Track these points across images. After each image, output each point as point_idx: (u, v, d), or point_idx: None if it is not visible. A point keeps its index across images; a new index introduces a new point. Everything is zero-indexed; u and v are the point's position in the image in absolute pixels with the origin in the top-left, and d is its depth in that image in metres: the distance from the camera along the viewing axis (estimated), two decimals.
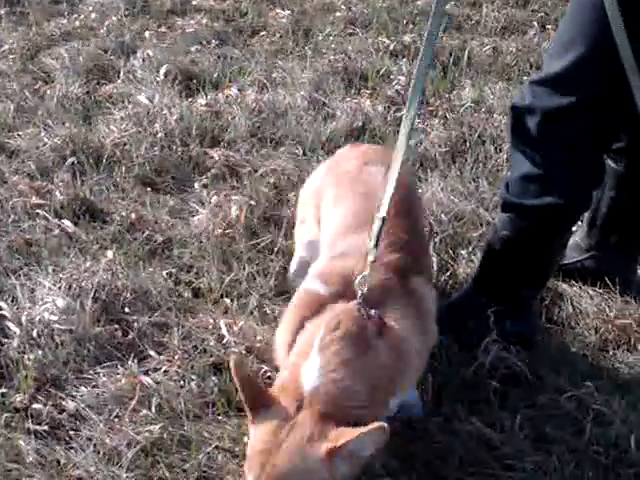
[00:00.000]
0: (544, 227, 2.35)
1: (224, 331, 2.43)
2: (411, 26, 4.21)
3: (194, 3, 4.47)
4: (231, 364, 1.80)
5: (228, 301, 2.58)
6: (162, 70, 3.64)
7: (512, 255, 2.37)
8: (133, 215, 3.02)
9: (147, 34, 4.13)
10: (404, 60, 3.91)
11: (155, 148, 3.32)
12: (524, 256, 2.37)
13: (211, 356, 2.40)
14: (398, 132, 3.32)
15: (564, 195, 2.30)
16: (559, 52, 2.24)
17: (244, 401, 1.78)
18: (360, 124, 3.44)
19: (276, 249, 2.80)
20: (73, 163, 3.25)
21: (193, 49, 4.07)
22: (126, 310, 2.54)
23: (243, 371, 1.80)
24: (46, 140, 3.39)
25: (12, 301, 2.57)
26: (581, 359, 2.48)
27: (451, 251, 2.79)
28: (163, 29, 4.30)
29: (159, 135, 3.36)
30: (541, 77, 2.29)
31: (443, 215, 2.95)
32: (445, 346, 2.39)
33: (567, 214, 2.38)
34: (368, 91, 3.71)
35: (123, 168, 3.25)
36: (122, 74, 3.81)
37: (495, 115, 3.53)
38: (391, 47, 3.99)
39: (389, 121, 3.49)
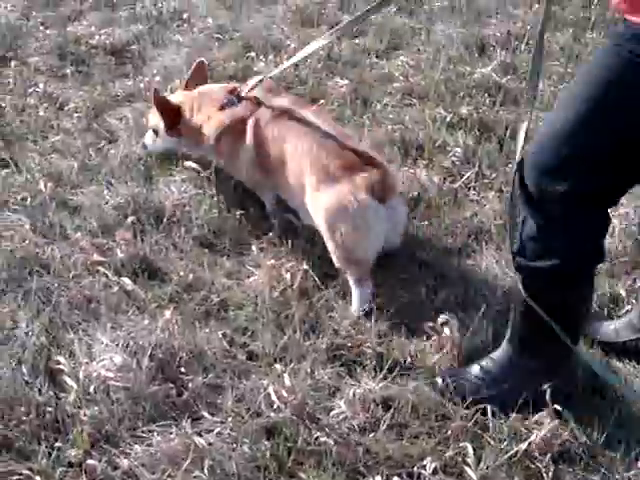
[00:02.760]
0: (553, 287, 2.31)
1: (273, 397, 2.44)
2: (468, 98, 4.26)
3: (255, 69, 4.56)
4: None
5: (280, 367, 2.59)
6: None
7: (534, 313, 2.30)
8: (190, 275, 3.07)
9: None
10: (460, 132, 3.94)
11: (214, 210, 3.38)
12: (547, 313, 2.28)
13: (264, 420, 2.40)
14: (454, 202, 3.42)
15: (560, 255, 2.26)
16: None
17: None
18: (416, 194, 3.47)
19: (330, 312, 2.83)
20: (134, 222, 3.31)
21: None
22: (181, 370, 2.57)
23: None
24: (108, 198, 3.47)
25: (70, 356, 2.63)
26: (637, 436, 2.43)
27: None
28: None
29: (218, 197, 3.42)
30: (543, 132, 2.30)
31: (498, 289, 2.95)
32: (492, 417, 2.38)
33: (570, 272, 2.32)
34: (424, 161, 3.74)
35: (182, 229, 3.31)
36: None
37: None
38: (448, 119, 4.02)
39: (444, 192, 3.51)
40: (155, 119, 3.52)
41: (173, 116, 3.42)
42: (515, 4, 5.42)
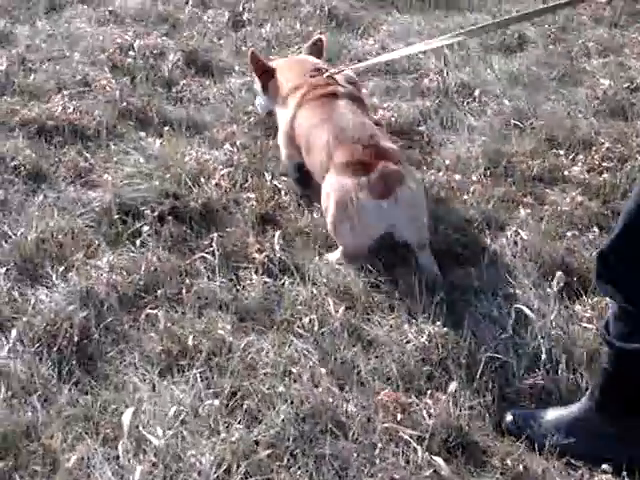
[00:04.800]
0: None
1: None
2: None
3: (565, 173, 3.88)
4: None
5: None
6: (555, 280, 3.03)
7: (614, 385, 2.43)
8: (520, 466, 2.44)
9: (521, 210, 3.57)
10: None
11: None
12: (627, 388, 2.41)
13: None
14: None
15: None
16: None
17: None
18: None
19: None
20: (440, 374, 2.72)
21: (569, 234, 3.46)
22: None
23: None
24: (410, 336, 2.89)
25: None
26: None
27: None
28: (529, 199, 3.74)
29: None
30: None
31: None
32: None
33: None
34: None
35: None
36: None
37: None
38: None
39: None
40: (256, 82, 3.92)
41: (265, 76, 3.80)
42: None
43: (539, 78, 4.78)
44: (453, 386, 2.62)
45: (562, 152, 4.03)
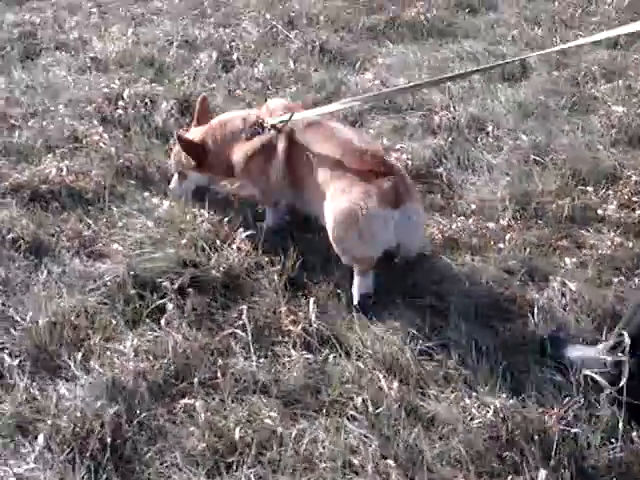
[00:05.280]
0: None
1: None
2: None
3: (599, 212, 3.68)
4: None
5: None
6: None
7: None
8: None
9: (565, 259, 3.37)
10: None
11: None
12: None
13: None
14: None
15: None
16: None
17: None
18: None
19: None
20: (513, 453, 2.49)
21: (615, 280, 3.26)
22: None
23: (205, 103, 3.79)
24: (474, 412, 2.66)
25: None
26: None
27: None
28: (565, 242, 3.54)
29: None
30: None
31: None
32: None
33: None
34: None
35: None
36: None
37: None
38: None
39: None
40: (179, 162, 3.72)
41: (200, 153, 3.62)
42: None
43: (548, 107, 4.60)
44: (543, 475, 2.38)
45: (589, 189, 3.85)
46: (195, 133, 3.71)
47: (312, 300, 3.08)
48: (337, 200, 3.14)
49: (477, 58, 5.17)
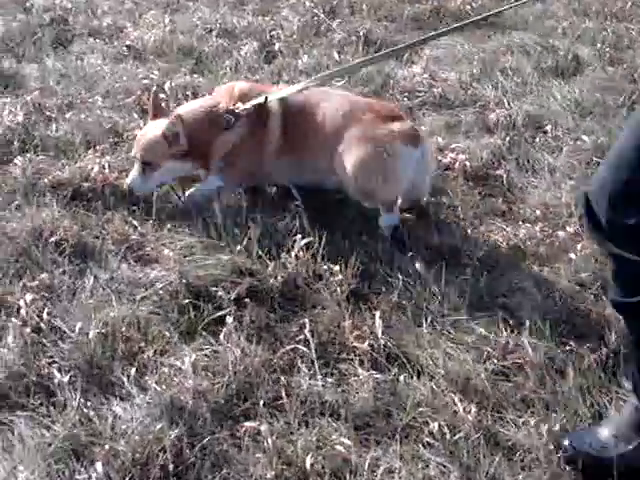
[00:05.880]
0: None
1: None
2: None
3: None
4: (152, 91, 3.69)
5: None
6: None
7: None
8: None
9: None
10: None
11: None
12: None
13: None
14: None
15: None
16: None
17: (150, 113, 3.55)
18: None
19: None
20: None
21: None
22: None
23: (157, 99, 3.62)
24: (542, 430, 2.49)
25: None
26: None
27: None
28: None
29: None
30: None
31: None
32: None
33: None
34: None
35: None
36: None
37: None
38: None
39: None
40: (153, 150, 3.46)
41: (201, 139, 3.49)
42: None
43: (606, 105, 4.38)
44: None
45: None
46: (159, 124, 3.49)
47: (378, 314, 2.90)
48: (357, 147, 3.26)
49: (527, 51, 4.96)
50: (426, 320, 2.98)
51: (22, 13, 5.42)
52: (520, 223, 3.52)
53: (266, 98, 3.43)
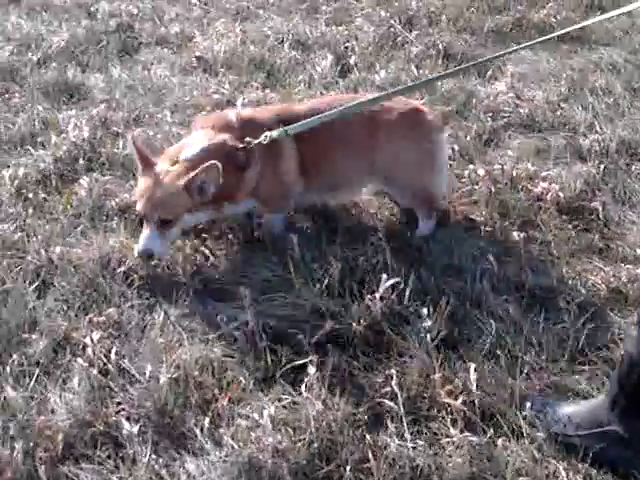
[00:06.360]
0: None
1: None
2: None
3: None
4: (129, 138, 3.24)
5: None
6: None
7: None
8: None
9: None
10: None
11: None
12: None
13: None
14: None
15: None
16: None
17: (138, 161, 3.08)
18: None
19: None
20: None
21: None
22: None
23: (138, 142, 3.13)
24: None
25: None
26: None
27: None
28: None
29: None
30: None
31: None
32: None
33: None
34: None
35: None
36: None
37: None
38: None
39: None
40: (171, 204, 3.01)
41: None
42: None
43: None
44: None
45: None
46: (165, 174, 3.04)
47: (473, 367, 2.64)
48: (394, 145, 3.21)
49: (617, 69, 4.65)
50: (521, 372, 2.72)
51: (87, 18, 5.27)
52: (619, 263, 3.23)
53: (286, 131, 3.10)
